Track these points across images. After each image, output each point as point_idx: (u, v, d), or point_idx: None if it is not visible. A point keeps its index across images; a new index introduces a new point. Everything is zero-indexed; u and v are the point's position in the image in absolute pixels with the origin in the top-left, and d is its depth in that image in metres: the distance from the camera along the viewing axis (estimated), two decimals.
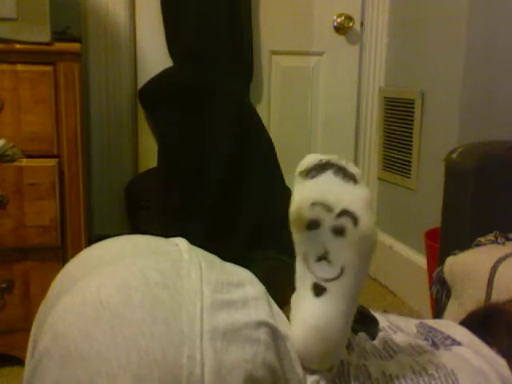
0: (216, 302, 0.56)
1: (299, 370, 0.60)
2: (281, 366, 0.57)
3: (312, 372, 0.61)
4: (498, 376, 0.67)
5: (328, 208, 0.59)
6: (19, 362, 1.47)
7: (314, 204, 0.59)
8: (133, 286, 0.54)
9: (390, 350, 0.70)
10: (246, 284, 0.61)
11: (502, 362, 0.70)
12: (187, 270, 0.58)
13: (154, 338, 0.51)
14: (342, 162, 0.61)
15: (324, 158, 0.62)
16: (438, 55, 1.83)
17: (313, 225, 0.60)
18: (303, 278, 0.62)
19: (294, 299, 0.64)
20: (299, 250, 0.62)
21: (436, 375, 0.64)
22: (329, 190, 0.60)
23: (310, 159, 0.62)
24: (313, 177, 0.61)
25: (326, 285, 0.60)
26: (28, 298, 1.46)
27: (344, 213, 0.59)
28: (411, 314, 1.92)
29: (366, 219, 0.59)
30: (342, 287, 0.60)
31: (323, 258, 0.60)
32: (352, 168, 0.61)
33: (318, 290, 0.60)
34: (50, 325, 0.55)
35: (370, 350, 0.69)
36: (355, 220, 0.59)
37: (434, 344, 0.72)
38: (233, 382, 0.52)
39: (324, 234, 0.60)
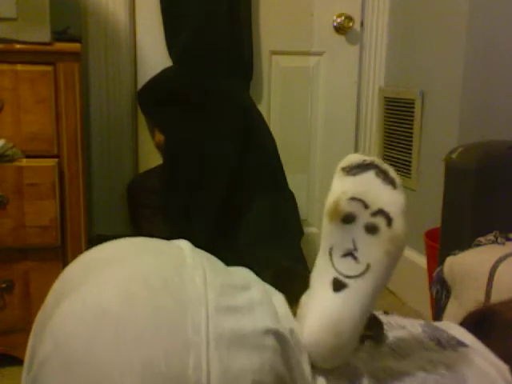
0: (221, 308, 0.54)
1: (308, 373, 0.59)
2: (289, 372, 0.56)
3: (320, 372, 0.60)
4: (504, 380, 0.67)
5: (365, 205, 0.61)
6: (19, 362, 1.47)
7: (352, 199, 0.61)
8: (134, 292, 0.53)
9: (402, 351, 0.69)
10: (251, 286, 0.60)
11: (504, 367, 0.70)
12: (190, 275, 0.57)
13: (157, 347, 0.49)
14: (385, 166, 0.63)
15: (368, 158, 0.63)
16: (438, 55, 1.83)
17: (348, 218, 0.61)
18: (324, 272, 0.62)
19: (309, 293, 0.63)
20: (326, 242, 0.63)
21: (447, 375, 0.65)
22: (368, 188, 0.61)
23: (355, 158, 0.63)
24: (354, 174, 0.62)
25: (347, 281, 0.61)
26: (28, 298, 1.46)
27: (380, 212, 0.60)
28: (411, 313, 1.92)
29: (399, 222, 0.60)
30: (363, 285, 0.60)
31: (349, 253, 0.61)
32: (393, 173, 0.63)
33: (338, 286, 0.61)
34: (50, 332, 0.53)
35: (383, 351, 0.68)
36: (389, 220, 0.60)
37: (439, 343, 0.72)
38: None
39: (356, 229, 0.61)
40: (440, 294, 1.20)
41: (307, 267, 1.89)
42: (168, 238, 0.68)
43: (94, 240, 1.73)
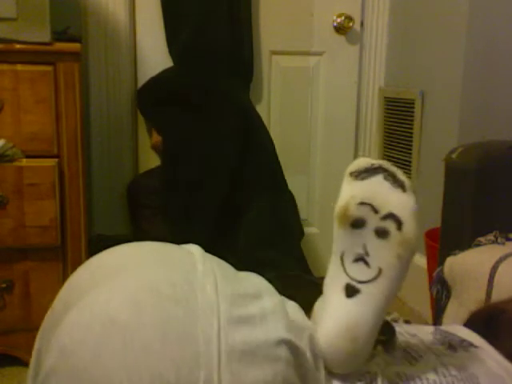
0: (233, 318, 0.53)
1: (323, 379, 0.59)
2: (302, 383, 0.55)
3: (335, 377, 0.60)
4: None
5: (374, 209, 0.60)
6: (19, 362, 1.47)
7: (361, 203, 0.60)
8: (143, 301, 0.51)
9: (415, 354, 0.69)
10: (263, 295, 0.59)
11: (510, 367, 0.70)
12: (201, 283, 0.55)
13: (167, 358, 0.48)
14: (393, 169, 0.62)
15: (376, 162, 0.62)
16: (438, 55, 1.83)
17: (357, 223, 0.61)
18: (336, 278, 0.62)
19: (322, 299, 0.63)
20: (337, 248, 0.62)
21: (459, 376, 0.64)
22: (377, 192, 0.61)
23: (363, 162, 0.63)
24: (363, 178, 0.62)
25: (360, 286, 0.60)
26: (28, 298, 1.45)
27: (389, 216, 0.60)
28: (411, 314, 1.92)
29: (410, 225, 0.60)
30: (375, 290, 0.60)
31: (361, 258, 0.61)
32: (402, 176, 0.62)
33: (351, 291, 0.61)
34: (57, 340, 0.52)
35: (396, 356, 0.68)
36: (399, 224, 0.60)
37: (450, 347, 0.72)
38: None
39: (367, 234, 0.61)
40: (440, 294, 1.20)
41: (308, 267, 1.89)
42: (168, 238, 0.68)
43: (94, 240, 1.74)
